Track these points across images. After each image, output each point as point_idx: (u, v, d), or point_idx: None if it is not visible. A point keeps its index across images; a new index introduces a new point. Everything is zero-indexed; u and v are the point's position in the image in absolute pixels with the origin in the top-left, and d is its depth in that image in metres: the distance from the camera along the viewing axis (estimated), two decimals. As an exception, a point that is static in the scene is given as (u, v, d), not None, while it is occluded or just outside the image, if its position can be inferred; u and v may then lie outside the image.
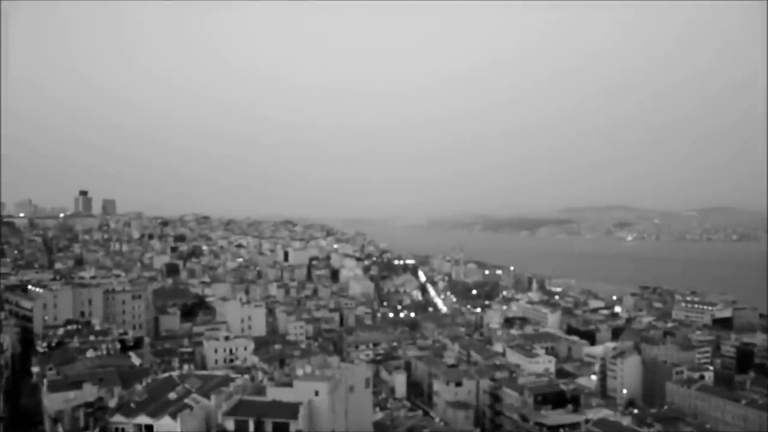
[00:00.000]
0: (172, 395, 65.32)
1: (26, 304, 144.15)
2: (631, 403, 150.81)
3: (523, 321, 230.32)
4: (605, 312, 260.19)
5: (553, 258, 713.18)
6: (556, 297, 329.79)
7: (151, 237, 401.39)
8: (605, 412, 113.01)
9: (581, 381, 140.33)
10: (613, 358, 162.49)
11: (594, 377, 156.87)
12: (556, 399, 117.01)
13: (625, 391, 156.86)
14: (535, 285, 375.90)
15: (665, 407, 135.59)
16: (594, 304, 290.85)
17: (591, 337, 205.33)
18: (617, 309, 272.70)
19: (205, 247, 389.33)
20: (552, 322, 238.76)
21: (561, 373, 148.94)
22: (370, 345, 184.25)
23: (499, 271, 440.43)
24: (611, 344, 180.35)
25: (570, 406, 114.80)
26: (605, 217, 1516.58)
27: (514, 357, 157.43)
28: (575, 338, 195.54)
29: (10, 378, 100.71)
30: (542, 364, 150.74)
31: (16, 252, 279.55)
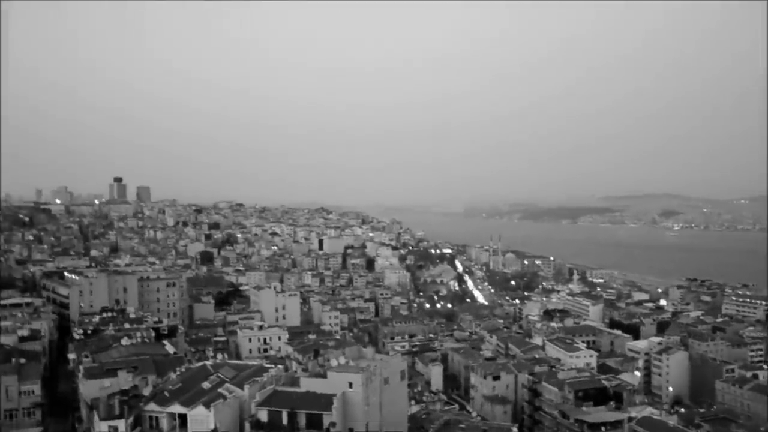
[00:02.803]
0: (206, 384, 64.69)
1: (63, 291, 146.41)
2: (677, 401, 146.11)
3: (564, 313, 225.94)
4: (650, 305, 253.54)
5: (595, 248, 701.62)
6: (598, 289, 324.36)
7: (185, 224, 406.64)
8: (649, 411, 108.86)
9: (624, 377, 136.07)
10: (658, 353, 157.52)
11: (638, 373, 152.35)
12: (597, 395, 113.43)
13: (670, 388, 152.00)
14: (576, 276, 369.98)
15: (714, 407, 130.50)
16: (638, 296, 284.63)
17: (635, 331, 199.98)
18: (662, 302, 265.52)
19: (239, 235, 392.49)
20: (594, 314, 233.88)
21: (603, 369, 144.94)
22: (406, 336, 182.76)
23: (538, 262, 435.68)
24: (656, 339, 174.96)
25: (612, 403, 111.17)
26: (650, 205, 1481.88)
27: (553, 351, 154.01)
28: (618, 332, 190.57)
29: (47, 364, 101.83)
30: (583, 358, 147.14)
31: (52, 239, 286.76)
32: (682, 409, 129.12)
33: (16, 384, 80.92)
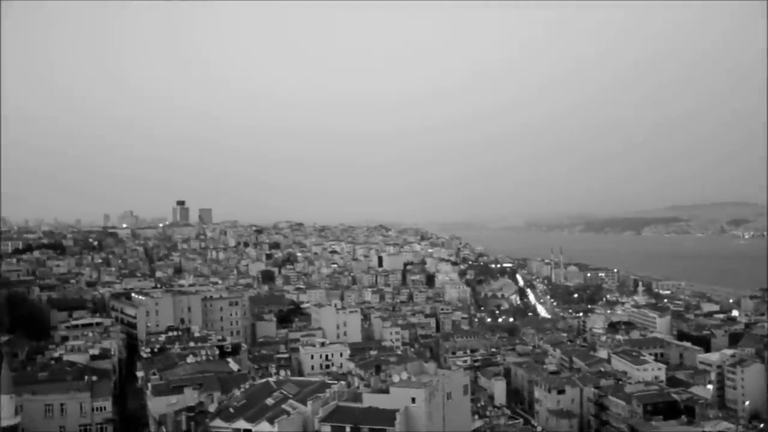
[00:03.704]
0: (270, 401, 65.57)
1: (130, 311, 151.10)
2: (755, 416, 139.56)
3: (629, 326, 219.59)
4: (721, 316, 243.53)
5: (661, 259, 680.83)
6: (665, 300, 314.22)
7: (246, 245, 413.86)
8: (725, 425, 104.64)
9: (696, 390, 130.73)
10: (732, 366, 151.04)
11: (710, 386, 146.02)
12: (667, 409, 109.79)
13: (747, 402, 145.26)
14: (641, 288, 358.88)
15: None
16: (708, 307, 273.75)
17: (705, 344, 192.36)
18: (734, 313, 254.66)
19: (299, 254, 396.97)
20: (661, 327, 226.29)
21: (672, 382, 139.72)
22: (468, 351, 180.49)
23: (602, 274, 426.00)
24: (729, 351, 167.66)
25: (684, 418, 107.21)
26: (718, 214, 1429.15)
27: (619, 364, 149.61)
28: (687, 344, 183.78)
29: (117, 382, 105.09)
30: (651, 371, 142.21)
31: (120, 261, 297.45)
32: (762, 425, 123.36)
33: (89, 400, 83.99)
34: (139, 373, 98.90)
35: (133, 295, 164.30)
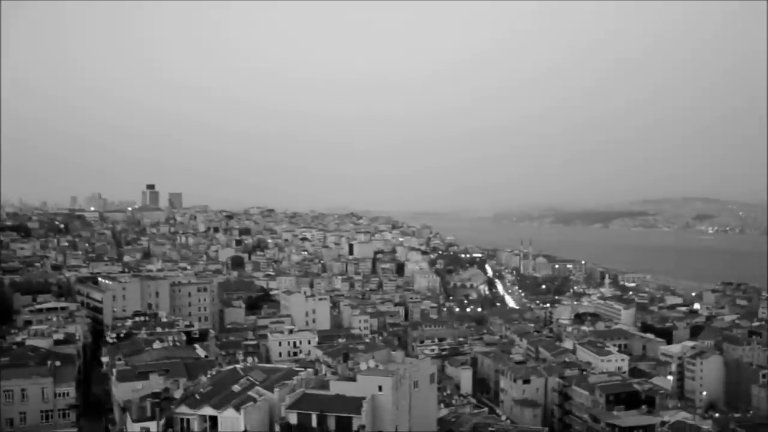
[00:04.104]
0: (236, 387, 65.37)
1: (97, 295, 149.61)
2: (711, 406, 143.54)
3: (595, 317, 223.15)
4: (683, 309, 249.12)
5: (628, 252, 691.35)
6: (630, 293, 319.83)
7: (216, 230, 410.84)
8: (683, 415, 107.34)
9: (657, 381, 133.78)
10: (692, 357, 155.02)
11: (670, 377, 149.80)
12: (629, 399, 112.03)
13: (704, 393, 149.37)
14: (607, 280, 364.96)
15: (751, 412, 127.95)
16: (671, 300, 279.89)
17: (668, 336, 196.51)
18: (696, 306, 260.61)
19: (269, 240, 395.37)
20: (625, 318, 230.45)
21: (635, 372, 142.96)
22: (436, 340, 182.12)
23: (569, 266, 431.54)
24: (690, 343, 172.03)
25: (644, 407, 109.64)
26: (684, 209, 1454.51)
27: (584, 354, 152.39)
28: (650, 336, 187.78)
29: (82, 367, 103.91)
30: (615, 362, 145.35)
31: (86, 245, 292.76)
32: (717, 414, 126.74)
33: (51, 386, 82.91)
34: (104, 359, 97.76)
35: (99, 279, 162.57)
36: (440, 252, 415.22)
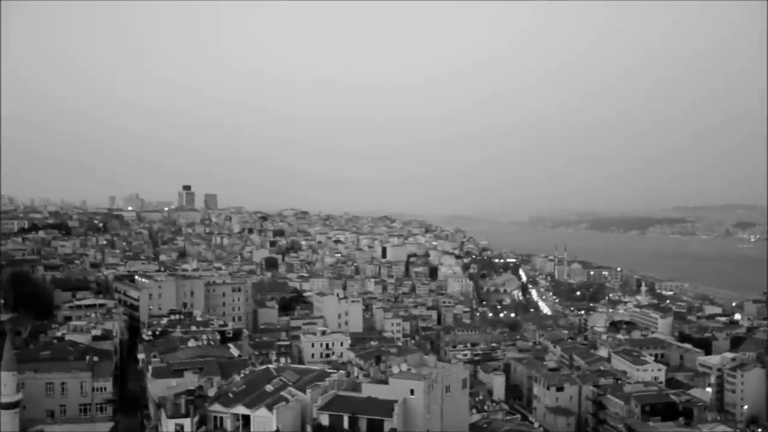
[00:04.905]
0: (269, 387, 65.83)
1: (133, 293, 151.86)
2: (753, 420, 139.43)
3: (630, 325, 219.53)
4: (723, 319, 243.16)
5: (665, 260, 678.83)
6: (668, 301, 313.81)
7: (250, 231, 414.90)
8: (722, 429, 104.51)
9: (695, 393, 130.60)
10: (732, 369, 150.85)
11: (709, 389, 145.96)
12: (666, 410, 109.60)
13: (745, 407, 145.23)
14: (644, 288, 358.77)
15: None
16: (710, 310, 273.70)
17: (706, 346, 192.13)
18: (737, 316, 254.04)
19: (303, 242, 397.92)
20: (662, 327, 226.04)
21: (672, 383, 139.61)
22: (468, 345, 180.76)
23: (605, 272, 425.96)
24: (730, 354, 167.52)
25: (681, 419, 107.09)
26: (724, 216, 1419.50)
27: (619, 363, 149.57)
28: (688, 346, 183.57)
29: (118, 363, 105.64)
30: (651, 372, 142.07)
31: (124, 243, 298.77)
32: (759, 429, 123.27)
33: (89, 380, 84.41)
34: (140, 356, 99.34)
35: (136, 277, 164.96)
36: (474, 256, 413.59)
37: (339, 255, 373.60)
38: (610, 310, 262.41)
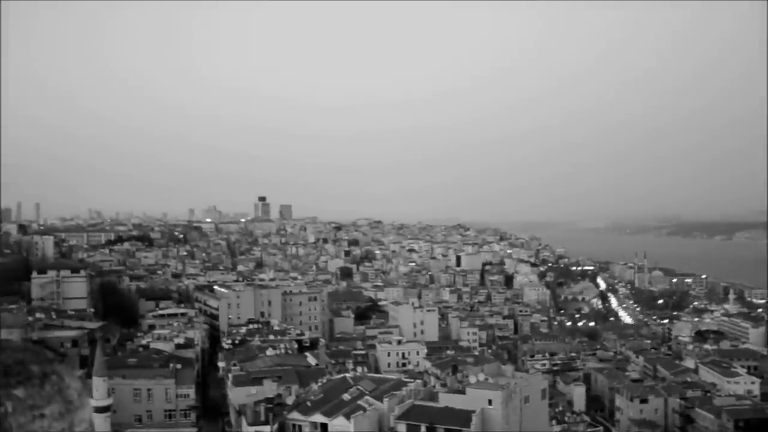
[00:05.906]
0: (346, 396, 66.12)
1: (213, 303, 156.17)
2: None
3: (719, 335, 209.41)
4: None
5: (755, 266, 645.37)
6: (759, 310, 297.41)
7: (325, 241, 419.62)
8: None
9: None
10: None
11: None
12: (761, 426, 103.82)
13: None
14: (732, 296, 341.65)
15: None
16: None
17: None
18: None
19: (377, 252, 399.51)
20: (754, 338, 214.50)
21: (767, 398, 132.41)
22: (546, 354, 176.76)
23: (688, 280, 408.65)
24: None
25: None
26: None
27: (708, 375, 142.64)
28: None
29: (200, 371, 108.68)
30: (744, 384, 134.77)
31: (203, 254, 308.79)
32: None
33: (173, 387, 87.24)
34: (221, 364, 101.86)
35: (215, 287, 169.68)
36: (550, 264, 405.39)
37: (413, 264, 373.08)
38: (696, 319, 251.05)
